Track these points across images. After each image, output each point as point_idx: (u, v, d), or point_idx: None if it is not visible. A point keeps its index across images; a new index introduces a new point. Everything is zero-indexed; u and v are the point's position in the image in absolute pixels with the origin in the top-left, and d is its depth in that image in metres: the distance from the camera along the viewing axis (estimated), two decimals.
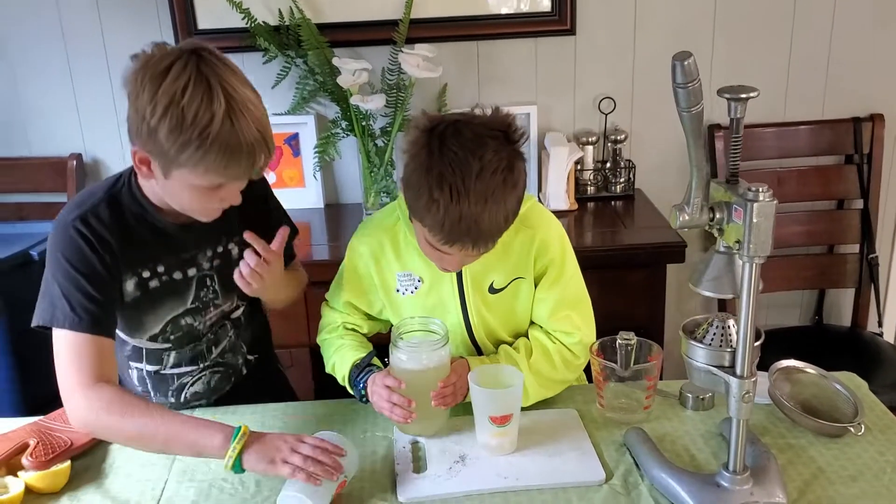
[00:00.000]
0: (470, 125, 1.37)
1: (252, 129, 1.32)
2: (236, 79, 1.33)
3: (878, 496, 1.32)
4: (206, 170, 1.33)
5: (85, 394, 1.39)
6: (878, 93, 2.71)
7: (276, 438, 1.36)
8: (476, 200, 1.33)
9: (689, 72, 1.10)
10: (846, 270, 2.75)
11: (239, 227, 1.56)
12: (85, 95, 2.64)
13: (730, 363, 1.26)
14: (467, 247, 1.39)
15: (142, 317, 1.54)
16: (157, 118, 1.28)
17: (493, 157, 1.35)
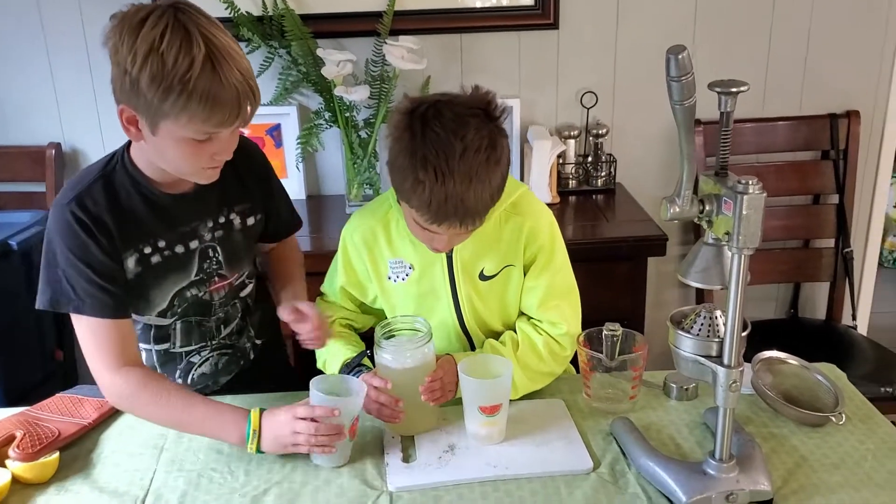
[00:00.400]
0: (450, 105, 1.39)
1: (235, 73, 1.30)
2: (216, 28, 1.33)
3: (860, 483, 1.35)
4: (189, 118, 1.31)
5: (112, 379, 1.45)
6: (854, 90, 2.75)
7: (281, 426, 1.40)
8: (461, 180, 1.35)
9: (682, 65, 1.11)
10: (821, 264, 2.80)
11: (239, 196, 1.58)
12: (64, 84, 2.62)
13: (717, 353, 1.28)
14: (455, 225, 1.41)
15: (147, 292, 1.53)
16: (137, 67, 1.28)
17: (475, 135, 1.36)
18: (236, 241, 1.59)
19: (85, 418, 1.54)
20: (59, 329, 2.68)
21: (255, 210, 1.63)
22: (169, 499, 1.36)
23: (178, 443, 1.50)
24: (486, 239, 1.54)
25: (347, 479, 1.39)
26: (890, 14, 2.69)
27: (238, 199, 1.59)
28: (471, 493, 1.35)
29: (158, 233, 1.51)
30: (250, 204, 1.61)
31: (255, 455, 1.45)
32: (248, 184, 1.61)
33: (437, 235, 1.46)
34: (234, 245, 1.58)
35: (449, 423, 1.52)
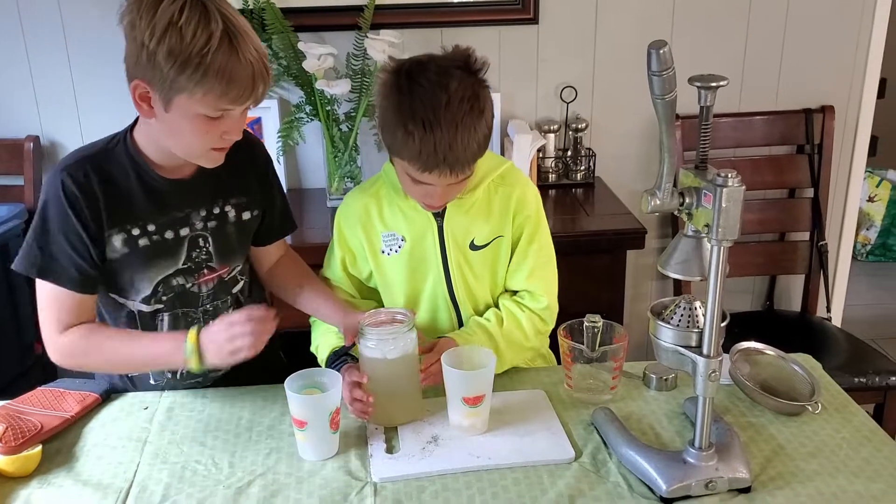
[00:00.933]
0: (433, 61, 1.47)
1: (251, 51, 1.34)
2: (231, 8, 1.36)
3: (835, 471, 1.37)
4: (204, 93, 1.33)
5: (59, 340, 1.50)
6: (829, 85, 2.79)
7: (218, 334, 1.40)
8: (447, 128, 1.42)
9: (664, 60, 1.13)
10: (797, 257, 2.84)
11: (236, 190, 1.58)
12: (42, 76, 2.60)
13: (696, 343, 1.31)
14: (445, 173, 1.46)
15: (132, 275, 1.52)
16: (155, 41, 1.30)
17: (459, 86, 1.43)
18: (229, 233, 1.59)
19: (67, 411, 1.54)
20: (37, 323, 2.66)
21: (252, 206, 1.62)
22: (153, 491, 1.36)
23: (161, 435, 1.51)
24: (476, 209, 1.61)
25: (331, 471, 1.40)
26: (864, 11, 2.73)
27: (235, 192, 1.59)
28: (454, 483, 1.37)
29: (149, 216, 1.51)
30: (247, 199, 1.61)
31: (239, 447, 1.46)
32: (247, 179, 1.61)
33: (431, 189, 1.51)
34: (226, 237, 1.58)
35: (432, 415, 1.53)
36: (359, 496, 1.34)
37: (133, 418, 1.56)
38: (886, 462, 1.39)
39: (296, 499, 1.34)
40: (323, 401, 1.41)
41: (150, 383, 1.66)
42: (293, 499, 1.34)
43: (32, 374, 2.59)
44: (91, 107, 2.64)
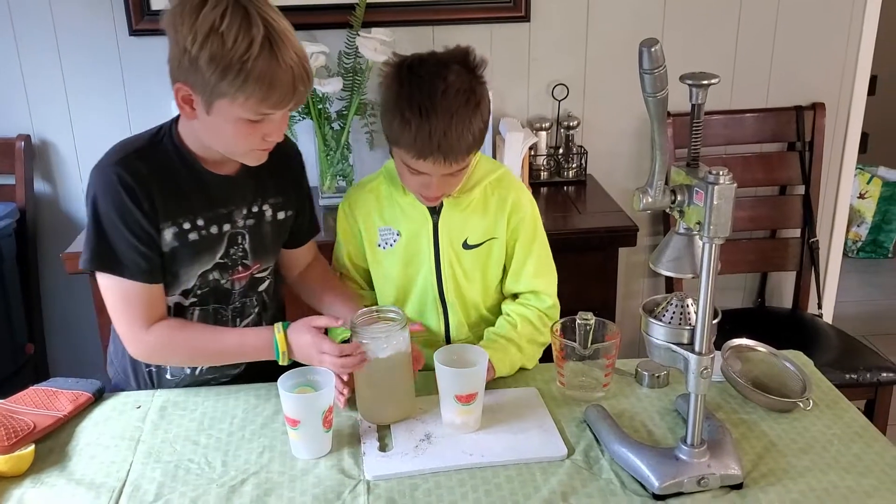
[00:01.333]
0: (433, 56, 1.52)
1: (292, 55, 1.34)
2: (273, 11, 1.36)
3: (827, 467, 1.38)
4: (246, 98, 1.34)
5: (142, 338, 1.51)
6: (819, 82, 2.81)
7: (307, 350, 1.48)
8: (442, 116, 1.46)
9: (655, 58, 1.13)
10: (788, 254, 2.85)
11: (274, 189, 1.60)
12: (33, 75, 2.59)
13: (689, 340, 1.31)
14: (439, 160, 1.49)
15: (178, 269, 1.53)
16: (197, 46, 1.31)
17: (456, 79, 1.48)
18: (265, 232, 1.60)
19: (60, 411, 1.54)
20: (29, 323, 2.66)
21: (287, 206, 1.64)
22: (146, 490, 1.36)
23: (154, 434, 1.51)
24: (472, 209, 1.64)
25: (325, 469, 1.40)
26: (854, 8, 2.74)
27: (272, 192, 1.61)
28: (448, 481, 1.37)
29: (198, 210, 1.52)
30: (283, 199, 1.63)
31: (232, 446, 1.46)
32: (283, 180, 1.63)
33: (427, 179, 1.54)
34: (262, 236, 1.60)
35: (425, 413, 1.53)
36: (352, 494, 1.34)
37: (126, 417, 1.56)
38: (877, 458, 1.40)
39: (289, 497, 1.34)
40: (316, 399, 1.41)
41: (168, 378, 1.67)
42: (286, 497, 1.34)
43: (24, 373, 2.59)
44: (82, 106, 2.63)
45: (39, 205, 2.71)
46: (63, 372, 2.57)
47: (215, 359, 1.60)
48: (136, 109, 2.64)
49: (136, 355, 1.56)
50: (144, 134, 1.52)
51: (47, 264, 2.75)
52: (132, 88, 2.62)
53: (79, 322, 2.80)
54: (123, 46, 2.57)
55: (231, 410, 1.57)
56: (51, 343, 2.82)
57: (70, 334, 2.84)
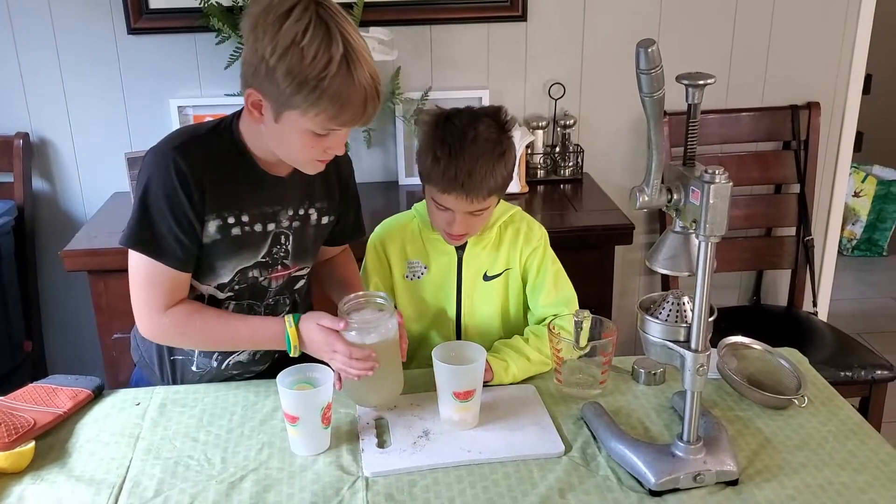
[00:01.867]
0: (469, 109, 1.67)
1: (367, 75, 1.35)
2: (352, 27, 1.37)
3: (822, 463, 1.39)
4: (317, 113, 1.36)
5: (158, 320, 1.52)
6: (814, 82, 2.82)
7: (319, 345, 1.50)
8: (469, 157, 1.59)
9: (652, 58, 1.14)
10: (783, 252, 2.86)
11: (322, 194, 1.63)
12: (32, 74, 2.59)
13: (685, 338, 1.32)
14: (461, 197, 1.61)
15: (215, 262, 1.55)
16: (276, 57, 1.32)
17: (485, 129, 1.62)
18: (308, 234, 1.63)
19: (60, 407, 1.54)
20: (27, 320, 2.67)
21: (331, 211, 1.67)
22: (146, 486, 1.37)
23: (153, 431, 1.51)
24: (491, 245, 1.77)
25: (323, 466, 1.41)
26: (849, 8, 2.76)
27: (320, 197, 1.63)
28: (445, 478, 1.38)
29: (245, 206, 1.53)
30: (328, 204, 1.65)
31: (231, 442, 1.47)
32: (332, 185, 1.66)
33: (451, 216, 1.66)
34: (304, 238, 1.62)
35: (423, 409, 1.54)
36: (351, 490, 1.35)
37: (125, 414, 1.57)
38: (871, 454, 1.41)
39: (288, 493, 1.35)
40: (315, 396, 1.42)
41: (193, 370, 1.68)
42: (285, 493, 1.35)
43: (22, 371, 2.59)
44: (81, 104, 2.64)
45: (38, 203, 2.72)
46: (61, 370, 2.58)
47: (226, 346, 1.63)
48: (135, 108, 2.65)
49: (148, 335, 1.56)
50: (206, 124, 1.54)
51: (46, 262, 2.75)
52: (130, 87, 2.63)
53: (77, 320, 2.80)
54: (122, 45, 2.58)
55: (230, 407, 1.58)
56: (49, 341, 2.82)
57: (68, 332, 2.85)
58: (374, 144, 2.70)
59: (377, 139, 2.71)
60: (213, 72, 2.60)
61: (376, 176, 2.78)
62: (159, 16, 2.52)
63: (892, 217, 4.38)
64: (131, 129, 2.66)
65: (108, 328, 2.31)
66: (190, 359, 1.67)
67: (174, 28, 2.55)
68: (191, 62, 2.61)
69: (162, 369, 1.71)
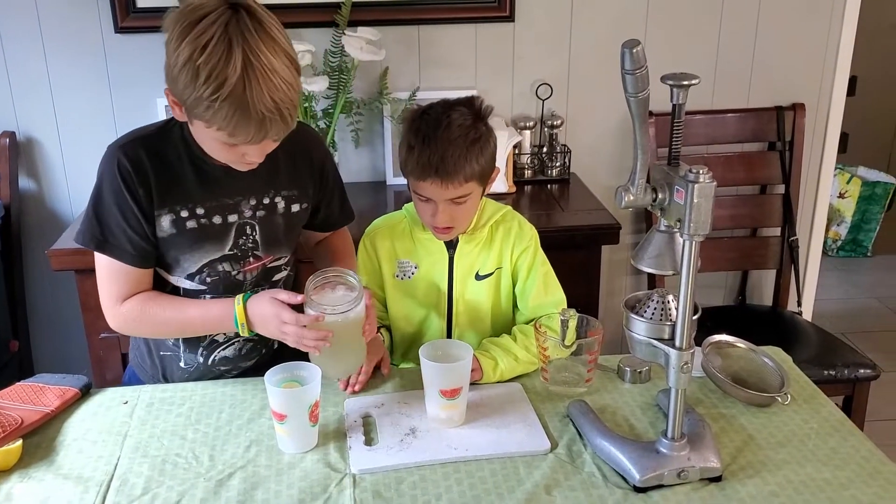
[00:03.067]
0: (444, 101, 1.69)
1: (266, 98, 1.31)
2: (267, 44, 1.32)
3: (804, 460, 1.41)
4: (216, 128, 1.35)
5: (117, 310, 1.56)
6: (799, 83, 2.84)
7: (267, 321, 1.49)
8: (442, 143, 1.61)
9: (637, 59, 1.15)
10: (768, 253, 2.88)
11: (289, 182, 1.61)
12: (18, 73, 2.59)
13: (669, 336, 1.34)
14: (436, 182, 1.62)
15: (178, 255, 1.56)
16: (178, 68, 1.32)
17: (458, 117, 1.64)
18: (276, 224, 1.61)
19: (47, 406, 1.55)
20: (13, 319, 2.66)
21: (302, 199, 1.65)
22: (134, 484, 1.37)
23: (141, 429, 1.52)
24: (483, 244, 1.77)
25: (311, 463, 1.42)
26: (834, 10, 2.78)
27: (286, 184, 1.61)
28: (433, 475, 1.39)
29: (198, 199, 1.53)
30: (298, 192, 1.63)
31: (219, 440, 1.48)
32: (301, 173, 1.64)
33: (433, 207, 1.66)
34: (273, 227, 1.61)
35: (410, 407, 1.55)
36: (338, 488, 1.36)
37: (113, 413, 1.57)
38: (853, 451, 1.43)
39: (276, 491, 1.35)
40: (302, 394, 1.43)
41: (181, 366, 1.69)
42: (273, 491, 1.35)
43: (8, 370, 2.59)
44: (67, 103, 2.63)
45: (24, 201, 2.71)
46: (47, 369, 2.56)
47: (181, 331, 1.62)
48: (122, 107, 2.65)
49: (112, 326, 1.60)
50: (156, 122, 1.55)
51: (32, 261, 2.75)
52: (117, 86, 2.62)
53: (64, 319, 2.80)
54: (109, 44, 2.58)
55: (218, 405, 1.58)
56: (35, 340, 2.82)
57: (55, 331, 2.84)
58: (361, 144, 2.71)
59: (365, 139, 2.71)
60: None
61: (364, 176, 2.78)
62: (147, 14, 2.51)
63: (876, 218, 4.42)
64: (118, 128, 2.65)
65: (95, 327, 2.30)
66: (176, 355, 1.68)
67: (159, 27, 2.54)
68: None
69: (152, 366, 1.71)
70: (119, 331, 1.61)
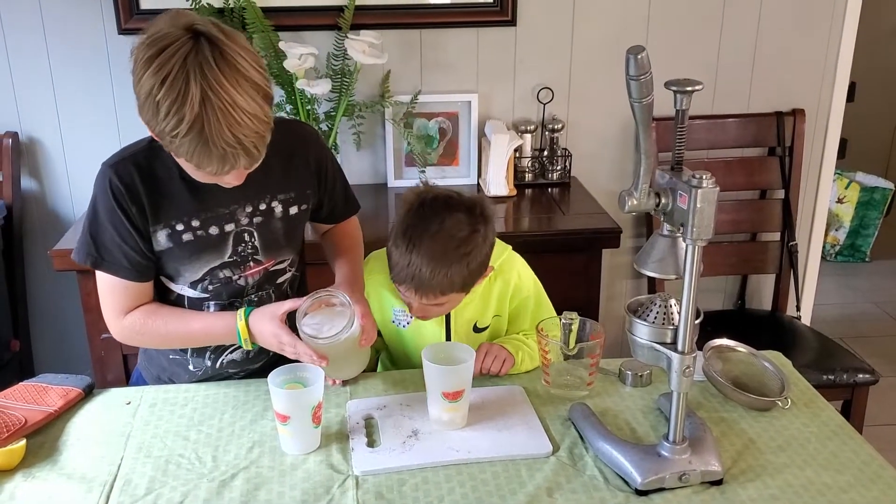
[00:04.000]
0: (450, 196, 1.61)
1: (226, 134, 1.27)
2: (229, 76, 1.27)
3: (804, 464, 1.42)
4: (184, 159, 1.36)
5: (121, 324, 1.58)
6: (799, 89, 2.85)
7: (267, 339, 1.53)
8: (424, 254, 1.56)
9: (641, 65, 1.16)
10: (767, 257, 2.89)
11: (285, 185, 1.60)
12: (21, 73, 2.60)
13: (671, 340, 1.34)
14: (411, 290, 1.59)
15: (178, 266, 1.57)
16: (141, 100, 1.31)
17: (453, 225, 1.57)
18: (275, 228, 1.60)
19: (51, 406, 1.55)
20: (14, 319, 2.66)
21: (301, 200, 1.63)
22: (137, 484, 1.38)
23: (144, 430, 1.52)
24: (481, 296, 1.74)
25: (314, 464, 1.42)
26: (834, 17, 2.79)
27: (283, 188, 1.59)
28: (435, 477, 1.40)
29: (193, 212, 1.53)
30: (296, 194, 1.61)
31: (222, 441, 1.48)
32: (296, 173, 1.61)
33: (409, 300, 1.63)
34: (272, 232, 1.60)
35: (412, 409, 1.56)
36: (341, 489, 1.37)
37: (116, 413, 1.57)
38: (853, 455, 1.44)
39: (279, 492, 1.36)
40: (305, 395, 1.43)
41: (190, 369, 1.70)
42: (276, 492, 1.36)
43: (9, 370, 2.59)
44: (70, 104, 2.64)
45: (26, 202, 2.72)
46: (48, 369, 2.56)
47: (185, 343, 1.64)
48: (125, 108, 2.65)
49: (116, 338, 1.61)
50: (147, 138, 1.51)
51: (34, 261, 2.75)
52: (120, 87, 2.63)
53: (65, 320, 2.80)
54: (112, 45, 2.58)
55: (221, 406, 1.59)
56: (36, 340, 2.82)
57: (56, 332, 2.84)
58: (363, 146, 2.72)
59: (366, 141, 2.72)
60: None
61: (365, 178, 2.79)
62: (150, 16, 2.47)
63: (874, 223, 4.43)
64: (121, 129, 2.66)
65: (97, 328, 2.30)
66: (185, 359, 1.68)
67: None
68: None
69: (160, 369, 1.72)
70: (124, 342, 1.62)
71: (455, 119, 2.72)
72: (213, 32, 1.29)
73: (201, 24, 1.30)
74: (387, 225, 2.49)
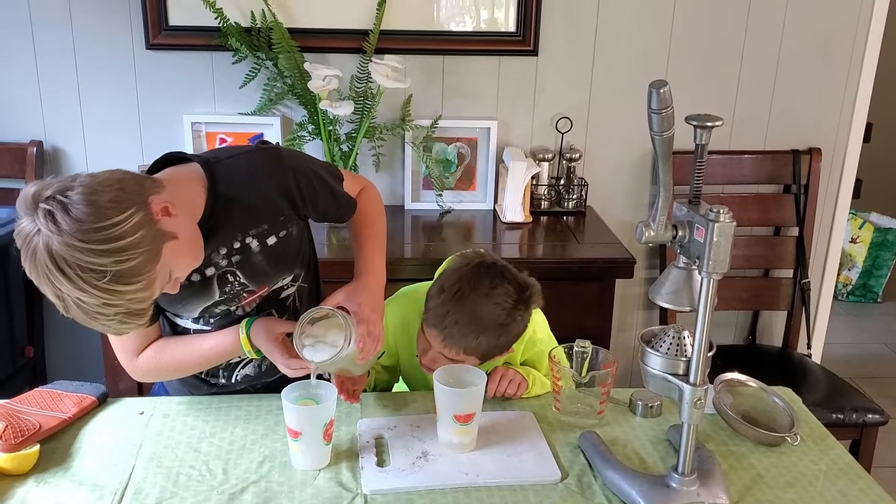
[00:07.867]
0: (503, 269, 1.63)
1: (91, 322, 1.36)
2: (66, 284, 1.30)
3: (811, 501, 1.42)
4: None
5: (135, 364, 1.62)
6: (816, 128, 2.87)
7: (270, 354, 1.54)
8: (465, 309, 1.58)
9: (663, 99, 1.18)
10: (780, 294, 2.90)
11: (256, 221, 1.55)
12: (49, 83, 2.64)
13: (684, 371, 1.35)
14: (438, 338, 1.60)
15: (173, 309, 1.61)
16: None
17: (502, 295, 1.59)
18: (257, 261, 1.57)
19: (65, 412, 1.57)
20: (30, 326, 2.68)
21: (277, 228, 1.58)
22: (148, 493, 1.39)
23: (156, 440, 1.54)
24: None
25: (323, 481, 1.43)
26: (853, 58, 2.81)
27: (250, 225, 1.55)
28: (443, 499, 1.40)
29: None
30: (267, 225, 1.56)
31: (233, 455, 1.50)
32: (260, 210, 1.55)
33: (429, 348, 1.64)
34: (255, 266, 1.57)
35: (422, 431, 1.57)
36: None
37: (129, 422, 1.59)
38: (861, 494, 1.44)
39: None
40: (318, 412, 1.45)
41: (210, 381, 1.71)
42: None
43: (22, 376, 2.61)
44: (95, 115, 2.68)
45: None
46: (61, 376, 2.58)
47: (199, 366, 1.66)
48: (149, 122, 2.69)
49: (136, 379, 1.66)
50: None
51: None
52: (145, 102, 2.67)
53: (80, 328, 2.77)
54: (139, 60, 2.62)
55: (233, 420, 1.60)
56: (50, 347, 2.84)
57: (70, 339, 2.86)
58: (382, 168, 2.74)
59: (385, 163, 2.75)
60: (228, 90, 2.65)
61: (384, 199, 2.77)
62: (178, 33, 2.56)
63: (887, 264, 4.42)
64: (144, 142, 2.70)
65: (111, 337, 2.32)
66: (200, 374, 1.70)
67: (192, 45, 2.59)
68: (206, 79, 2.66)
69: (178, 388, 1.75)
70: (144, 381, 1.67)
71: (474, 145, 2.75)
72: (46, 243, 1.29)
73: (42, 220, 1.29)
74: (402, 247, 2.51)
